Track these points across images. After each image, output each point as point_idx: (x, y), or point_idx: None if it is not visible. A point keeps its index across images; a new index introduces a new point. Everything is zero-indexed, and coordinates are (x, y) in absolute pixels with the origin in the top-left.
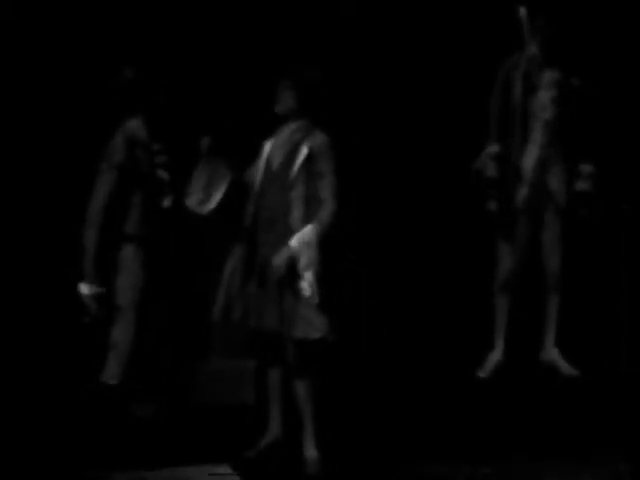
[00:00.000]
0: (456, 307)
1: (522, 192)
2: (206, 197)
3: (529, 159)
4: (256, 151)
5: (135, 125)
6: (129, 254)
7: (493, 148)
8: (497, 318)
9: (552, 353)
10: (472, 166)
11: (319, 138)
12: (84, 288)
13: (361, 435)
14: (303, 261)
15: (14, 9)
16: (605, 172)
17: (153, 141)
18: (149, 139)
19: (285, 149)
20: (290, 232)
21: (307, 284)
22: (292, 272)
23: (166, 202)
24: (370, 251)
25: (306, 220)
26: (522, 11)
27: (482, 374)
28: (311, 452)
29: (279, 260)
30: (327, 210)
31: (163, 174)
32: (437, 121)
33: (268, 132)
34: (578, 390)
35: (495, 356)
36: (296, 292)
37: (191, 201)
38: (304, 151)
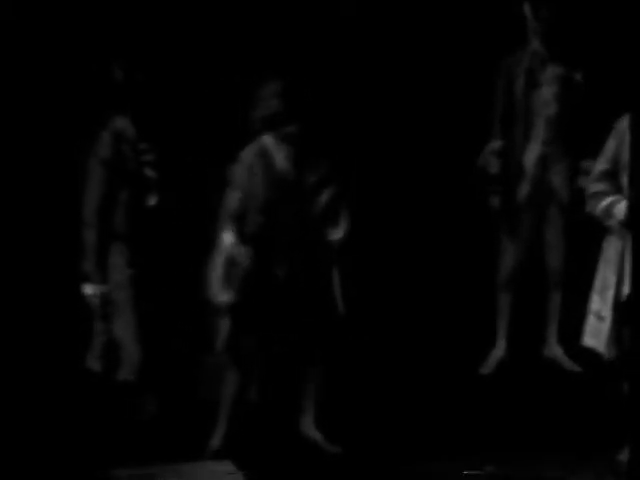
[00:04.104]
0: (458, 303)
1: (524, 188)
2: None
3: (531, 155)
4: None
5: (122, 123)
6: (116, 252)
7: (495, 144)
8: (499, 314)
9: (554, 349)
10: (474, 162)
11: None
12: (89, 289)
13: (362, 431)
14: None
15: (14, 9)
16: None
17: (140, 139)
18: (136, 137)
19: (291, 159)
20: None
21: None
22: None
23: (152, 200)
24: (372, 248)
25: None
26: (525, 7)
27: (484, 371)
28: (313, 432)
29: None
30: None
31: (150, 172)
32: (439, 118)
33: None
34: (580, 386)
35: (497, 353)
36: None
37: None
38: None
